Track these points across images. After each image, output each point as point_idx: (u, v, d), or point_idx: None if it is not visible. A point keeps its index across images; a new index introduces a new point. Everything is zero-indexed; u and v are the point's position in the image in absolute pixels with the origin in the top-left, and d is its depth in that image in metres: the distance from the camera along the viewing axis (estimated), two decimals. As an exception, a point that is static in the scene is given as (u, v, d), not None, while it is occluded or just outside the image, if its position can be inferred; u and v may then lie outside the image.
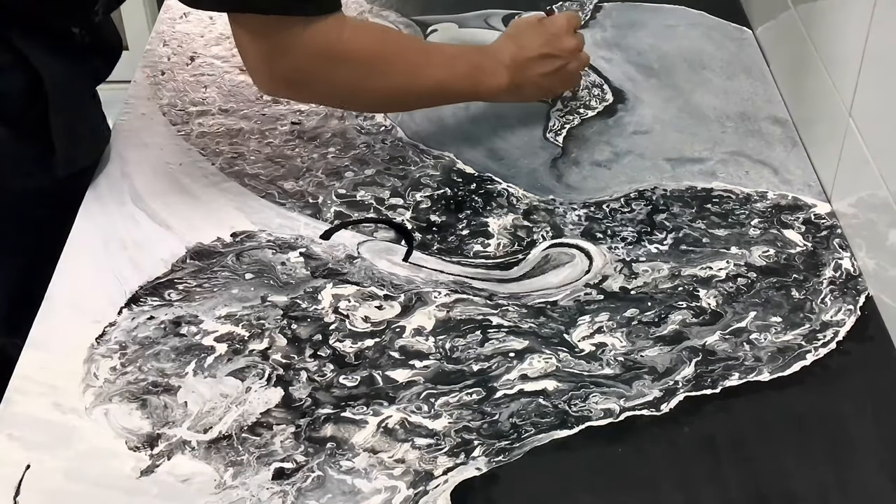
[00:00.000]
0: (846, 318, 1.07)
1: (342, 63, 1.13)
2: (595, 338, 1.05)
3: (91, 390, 0.99)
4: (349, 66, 1.14)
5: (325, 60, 1.13)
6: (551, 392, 0.99)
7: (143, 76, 1.45)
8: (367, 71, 1.15)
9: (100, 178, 1.27)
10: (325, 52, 1.12)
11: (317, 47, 1.11)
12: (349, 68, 1.14)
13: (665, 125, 1.37)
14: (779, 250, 1.16)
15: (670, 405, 0.98)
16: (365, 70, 1.15)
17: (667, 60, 1.49)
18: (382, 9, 1.62)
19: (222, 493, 0.90)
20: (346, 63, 1.13)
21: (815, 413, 0.98)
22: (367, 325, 1.07)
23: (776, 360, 1.02)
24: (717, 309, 1.08)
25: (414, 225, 1.20)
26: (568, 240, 1.18)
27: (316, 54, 1.11)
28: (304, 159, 1.30)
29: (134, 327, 1.06)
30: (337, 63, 1.13)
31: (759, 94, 1.42)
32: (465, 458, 0.93)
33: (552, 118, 1.38)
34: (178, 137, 1.34)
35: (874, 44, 1.11)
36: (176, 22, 1.57)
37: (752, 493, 0.90)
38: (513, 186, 1.26)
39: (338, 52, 1.12)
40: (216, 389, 1.00)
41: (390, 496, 0.90)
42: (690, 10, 1.61)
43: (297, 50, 1.10)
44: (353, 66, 1.14)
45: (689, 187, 1.25)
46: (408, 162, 1.30)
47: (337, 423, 0.97)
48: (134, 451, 0.94)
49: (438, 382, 1.00)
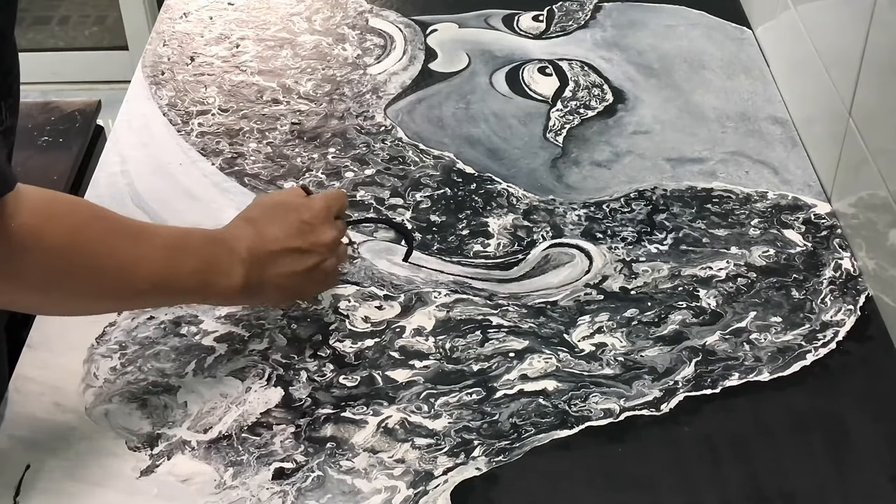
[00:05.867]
0: (846, 318, 1.07)
1: (13, 260, 0.80)
2: (595, 338, 1.05)
3: (91, 390, 0.99)
4: (26, 263, 0.81)
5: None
6: (551, 392, 0.99)
7: (142, 76, 1.45)
8: (57, 267, 0.83)
9: (100, 178, 1.27)
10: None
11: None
12: (26, 266, 0.81)
13: (665, 125, 1.37)
14: (779, 250, 1.16)
15: (670, 405, 0.98)
16: (53, 266, 0.83)
17: (667, 60, 1.49)
18: (382, 9, 1.62)
19: (222, 493, 0.90)
20: (22, 258, 0.80)
21: (815, 413, 0.98)
22: (367, 325, 1.07)
23: (776, 360, 1.02)
24: (717, 309, 1.08)
25: (414, 225, 1.20)
26: (568, 240, 1.18)
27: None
28: (304, 159, 1.30)
29: (134, 327, 1.06)
30: (17, 259, 0.80)
31: (759, 94, 1.42)
32: (465, 458, 0.93)
33: (552, 118, 1.38)
34: (178, 137, 1.34)
35: (874, 44, 1.11)
36: (176, 22, 1.57)
37: (752, 493, 0.90)
38: (513, 186, 1.26)
39: (18, 247, 0.80)
40: (216, 389, 1.00)
41: (390, 496, 0.90)
42: (690, 10, 1.61)
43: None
44: (32, 263, 0.81)
45: (689, 187, 1.25)
46: (408, 162, 1.30)
47: (337, 423, 0.96)
48: (134, 451, 0.94)
49: (438, 382, 1.00)
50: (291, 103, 1.39)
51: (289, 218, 1.00)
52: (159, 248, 0.91)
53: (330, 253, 1.01)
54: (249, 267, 0.96)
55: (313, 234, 1.00)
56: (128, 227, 0.91)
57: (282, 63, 1.48)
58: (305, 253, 0.99)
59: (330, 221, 1.02)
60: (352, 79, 1.45)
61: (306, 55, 1.50)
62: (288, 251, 0.98)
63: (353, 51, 1.51)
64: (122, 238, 0.89)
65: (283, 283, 0.99)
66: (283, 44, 1.52)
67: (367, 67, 1.48)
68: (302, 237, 0.99)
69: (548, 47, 1.52)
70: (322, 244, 1.00)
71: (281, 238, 0.98)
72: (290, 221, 0.99)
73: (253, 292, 0.97)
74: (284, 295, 1.02)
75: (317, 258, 1.00)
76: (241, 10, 1.60)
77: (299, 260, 0.99)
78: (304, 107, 1.39)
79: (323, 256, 1.00)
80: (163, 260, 0.90)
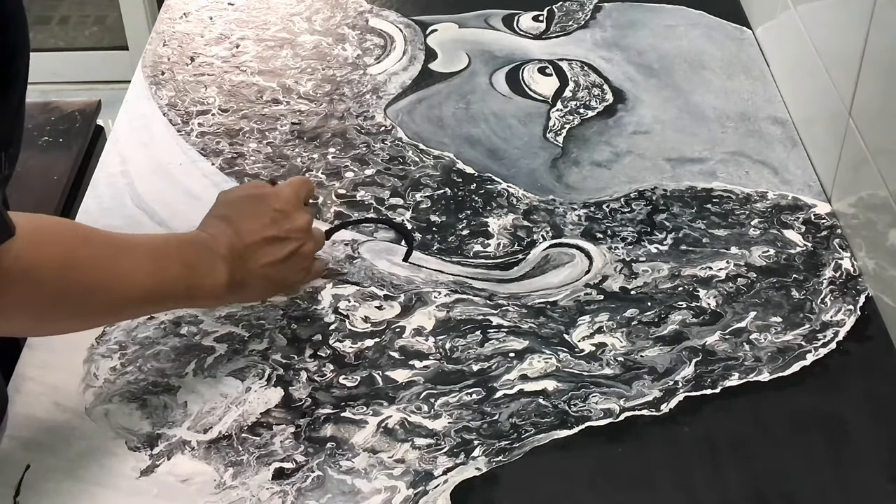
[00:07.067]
0: (846, 318, 1.07)
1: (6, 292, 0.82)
2: (595, 338, 1.05)
3: (91, 390, 0.99)
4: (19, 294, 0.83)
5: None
6: (551, 392, 0.99)
7: (143, 76, 1.45)
8: (49, 293, 0.86)
9: (100, 178, 1.27)
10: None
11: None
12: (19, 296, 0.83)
13: (665, 125, 1.37)
14: (779, 250, 1.16)
15: (670, 405, 0.98)
16: (45, 293, 0.85)
17: (667, 60, 1.49)
18: (382, 9, 1.62)
19: (222, 493, 0.90)
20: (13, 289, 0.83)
21: (815, 413, 0.98)
22: (367, 325, 1.07)
23: (776, 360, 1.02)
24: (717, 309, 1.08)
25: (414, 225, 1.20)
26: (568, 240, 1.18)
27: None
28: (304, 159, 1.30)
29: (134, 327, 1.06)
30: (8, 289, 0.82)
31: (759, 94, 1.42)
32: (465, 458, 0.93)
33: (552, 118, 1.38)
34: (178, 137, 1.34)
35: (874, 44, 1.11)
36: (176, 22, 1.57)
37: (752, 493, 0.90)
38: (513, 186, 1.25)
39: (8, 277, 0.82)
40: (216, 389, 1.00)
41: (390, 496, 0.90)
42: (690, 10, 1.61)
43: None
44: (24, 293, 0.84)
45: (689, 187, 1.25)
46: (408, 162, 1.30)
47: (337, 423, 0.96)
48: (134, 451, 0.94)
49: (438, 382, 1.00)
50: (291, 103, 1.39)
51: (260, 209, 1.02)
52: (143, 259, 0.92)
53: (306, 237, 1.04)
54: (231, 263, 0.98)
55: (287, 220, 1.03)
56: (113, 244, 0.92)
57: (282, 63, 1.48)
58: (283, 240, 1.02)
59: (300, 207, 1.05)
60: (352, 79, 1.45)
61: (306, 55, 1.50)
62: (266, 241, 1.01)
63: (353, 51, 1.51)
64: (109, 257, 0.90)
65: (266, 274, 1.01)
66: (283, 44, 1.52)
67: (367, 67, 1.48)
68: (276, 226, 1.02)
69: (548, 47, 1.52)
70: (297, 229, 1.03)
71: (257, 229, 1.00)
72: (262, 212, 1.02)
73: (239, 287, 0.99)
74: (271, 285, 1.04)
75: (295, 244, 1.03)
76: (241, 10, 1.60)
77: (278, 247, 1.02)
78: (304, 107, 1.39)
79: (300, 241, 1.03)
80: (148, 270, 0.92)
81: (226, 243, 0.98)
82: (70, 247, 0.87)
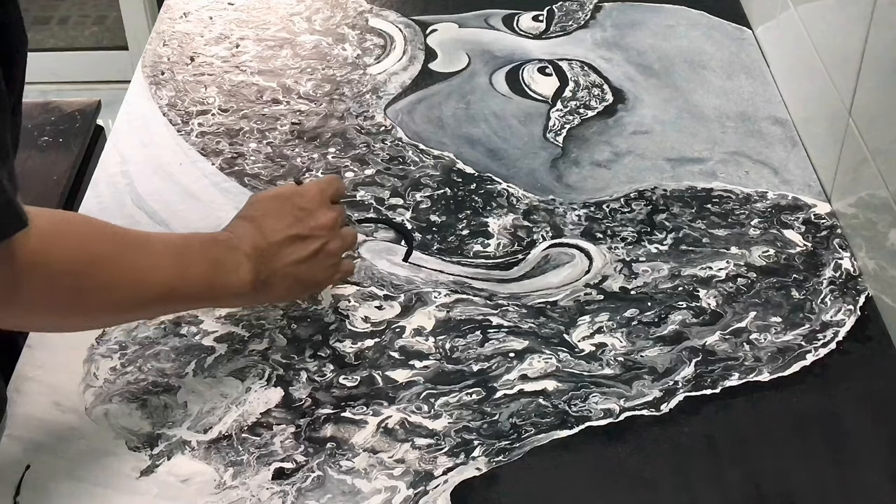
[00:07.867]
0: (846, 318, 1.07)
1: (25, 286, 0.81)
2: (595, 338, 1.05)
3: (91, 390, 0.99)
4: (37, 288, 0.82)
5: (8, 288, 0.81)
6: (551, 392, 0.99)
7: (142, 76, 1.45)
8: (68, 288, 0.84)
9: (100, 177, 1.27)
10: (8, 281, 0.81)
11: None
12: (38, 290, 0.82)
13: (665, 125, 1.37)
14: (779, 250, 1.16)
15: (670, 405, 0.98)
16: (64, 287, 0.84)
17: (667, 60, 1.49)
18: (382, 9, 1.62)
19: (222, 493, 0.90)
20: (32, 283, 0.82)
21: (815, 413, 0.98)
22: (367, 325, 1.07)
23: (776, 361, 1.02)
24: (717, 309, 1.08)
25: (414, 225, 1.20)
26: (568, 240, 1.18)
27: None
28: (304, 159, 1.30)
29: (134, 327, 1.06)
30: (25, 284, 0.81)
31: (759, 94, 1.42)
32: (465, 458, 0.93)
33: (552, 118, 1.38)
34: (178, 137, 1.34)
35: (874, 44, 1.11)
36: (176, 22, 1.57)
37: (752, 492, 0.90)
38: (513, 186, 1.26)
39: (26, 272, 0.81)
40: (216, 389, 1.00)
41: (390, 496, 0.90)
42: (690, 10, 1.61)
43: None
44: (43, 287, 0.83)
45: (689, 187, 1.25)
46: (408, 162, 1.30)
47: (337, 423, 0.96)
48: (134, 451, 0.94)
49: (438, 382, 1.00)
50: (291, 103, 1.39)
51: (284, 208, 1.01)
52: (165, 255, 0.91)
53: (331, 234, 1.02)
54: (256, 261, 0.96)
55: (311, 218, 1.01)
56: (132, 239, 0.91)
57: (282, 63, 1.48)
58: (307, 238, 1.00)
59: (326, 204, 1.02)
60: (352, 79, 1.45)
61: (306, 55, 1.50)
62: (290, 239, 0.99)
63: (353, 51, 1.51)
64: (128, 251, 0.89)
65: (292, 272, 0.99)
66: (283, 44, 1.52)
67: (367, 67, 1.48)
68: (300, 224, 1.00)
69: (548, 47, 1.52)
70: (321, 227, 1.01)
71: (280, 228, 0.99)
72: (286, 211, 1.00)
73: (264, 286, 0.98)
74: (297, 284, 1.02)
75: (319, 241, 1.01)
76: (241, 10, 1.60)
77: (302, 246, 1.00)
78: (304, 107, 1.39)
79: (325, 239, 1.01)
80: (171, 267, 0.91)
81: (250, 242, 0.97)
82: (87, 240, 0.86)
